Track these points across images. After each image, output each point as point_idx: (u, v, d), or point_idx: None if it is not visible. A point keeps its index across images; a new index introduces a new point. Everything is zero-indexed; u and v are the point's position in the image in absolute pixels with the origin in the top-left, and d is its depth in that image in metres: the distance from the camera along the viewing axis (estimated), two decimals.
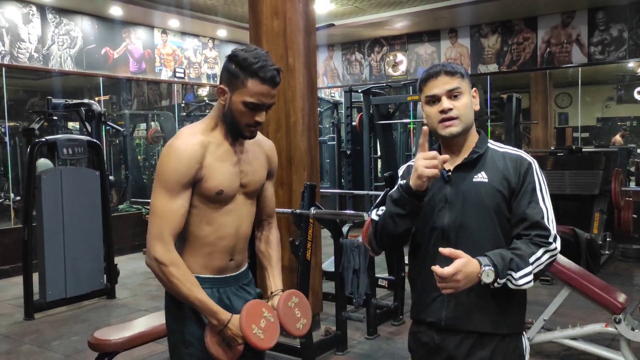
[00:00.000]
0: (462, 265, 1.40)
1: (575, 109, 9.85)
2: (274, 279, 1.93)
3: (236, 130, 1.71)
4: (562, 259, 3.55)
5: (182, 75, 8.71)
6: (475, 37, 8.46)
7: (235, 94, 1.65)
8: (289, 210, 3.76)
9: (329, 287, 4.45)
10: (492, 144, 1.63)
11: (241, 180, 1.76)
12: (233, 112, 1.67)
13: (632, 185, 7.86)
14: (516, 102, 8.11)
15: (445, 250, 1.43)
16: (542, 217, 1.51)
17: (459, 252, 1.43)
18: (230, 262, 1.79)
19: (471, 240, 1.54)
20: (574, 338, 3.48)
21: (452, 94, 1.55)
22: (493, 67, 8.33)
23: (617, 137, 9.66)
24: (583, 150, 6.79)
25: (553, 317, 3.54)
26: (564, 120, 10.64)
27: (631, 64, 8.21)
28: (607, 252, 6.12)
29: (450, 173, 1.59)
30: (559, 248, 1.52)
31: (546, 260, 1.50)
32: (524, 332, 1.61)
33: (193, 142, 1.66)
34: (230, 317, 1.67)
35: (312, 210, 3.59)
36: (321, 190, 4.69)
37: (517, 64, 8.15)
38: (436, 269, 1.40)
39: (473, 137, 1.62)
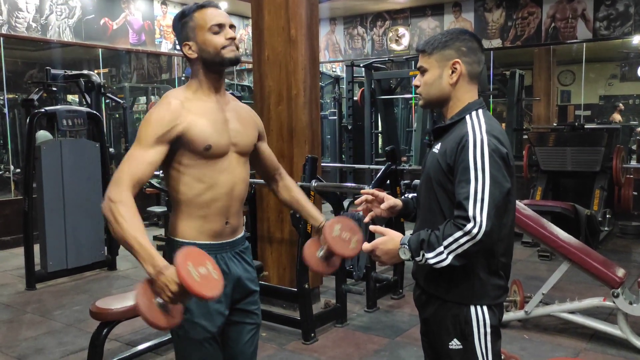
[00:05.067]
0: (380, 243, 1.59)
1: (577, 87, 9.78)
2: (313, 215, 2.01)
3: (219, 61, 1.73)
4: (562, 233, 3.57)
5: None
6: (480, 12, 8.35)
7: (197, 35, 1.73)
8: None
9: None
10: (472, 116, 1.59)
11: (232, 139, 1.78)
12: (207, 48, 1.72)
13: (633, 162, 7.85)
14: (519, 79, 8.05)
15: (371, 228, 1.66)
16: (466, 197, 1.47)
17: (385, 230, 1.61)
18: (225, 225, 1.78)
19: (421, 208, 1.71)
20: (572, 312, 3.51)
21: (420, 71, 1.69)
22: (497, 42, 8.24)
23: (616, 115, 9.62)
24: (585, 127, 6.76)
25: (552, 291, 3.57)
26: (566, 98, 10.58)
27: (636, 41, 8.11)
28: (606, 228, 6.16)
29: (431, 142, 1.71)
30: (477, 231, 1.44)
31: (465, 242, 1.45)
32: (478, 306, 1.58)
33: (173, 102, 1.71)
34: (169, 265, 1.49)
35: (314, 183, 3.59)
36: (322, 164, 4.68)
37: (521, 39, 8.06)
38: (364, 245, 1.65)
39: (454, 108, 1.65)
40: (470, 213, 1.46)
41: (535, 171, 6.67)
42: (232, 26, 1.76)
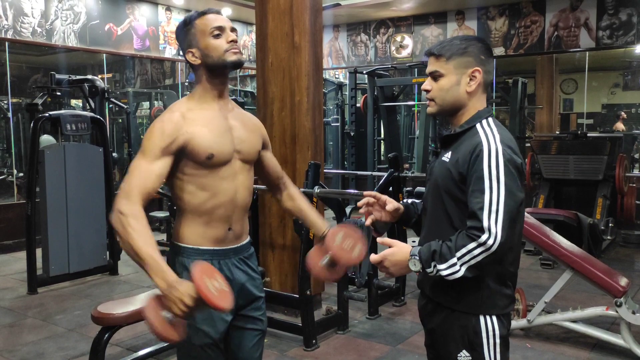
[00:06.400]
0: (389, 254, 1.55)
1: (580, 95, 9.78)
2: (316, 224, 1.99)
3: (222, 65, 1.74)
4: (565, 242, 3.56)
5: None
6: (483, 20, 8.37)
7: (199, 41, 1.74)
8: None
9: None
10: (483, 125, 1.58)
11: (236, 146, 1.78)
12: (209, 53, 1.73)
13: (636, 171, 7.83)
14: (522, 87, 8.05)
15: (379, 240, 1.62)
16: (480, 208, 1.44)
17: (392, 242, 1.58)
18: (228, 232, 1.78)
19: (428, 217, 1.69)
20: (574, 321, 3.50)
21: (433, 76, 1.61)
22: (499, 51, 8.25)
23: (619, 124, 9.60)
24: (588, 135, 6.76)
25: (554, 300, 3.55)
26: (568, 106, 10.59)
27: (638, 50, 8.12)
28: (609, 237, 6.14)
29: (438, 149, 1.68)
30: (492, 242, 1.42)
31: (479, 254, 1.44)
32: (487, 316, 1.56)
33: (175, 113, 1.72)
34: (181, 280, 1.52)
35: (316, 189, 3.59)
36: (325, 170, 4.68)
37: (524, 48, 8.07)
38: (370, 257, 1.60)
39: (465, 116, 1.62)
40: (485, 224, 1.44)
41: (538, 179, 6.67)
42: (233, 29, 1.76)
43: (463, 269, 1.45)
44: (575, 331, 3.51)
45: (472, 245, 1.44)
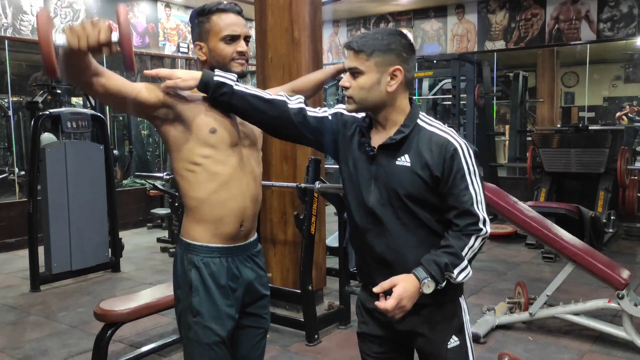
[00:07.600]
0: (401, 292, 1.45)
1: (581, 89, 9.77)
2: (325, 70, 2.18)
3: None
4: (566, 235, 3.55)
5: (186, 50, 8.64)
6: (483, 13, 8.34)
7: (210, 40, 1.72)
8: (294, 184, 3.76)
9: (332, 262, 4.47)
10: (422, 121, 1.57)
11: (241, 133, 1.78)
12: (216, 56, 1.72)
13: (638, 164, 7.82)
14: (523, 80, 8.04)
15: (377, 289, 1.47)
16: (472, 204, 1.51)
17: (393, 280, 1.47)
18: (240, 228, 1.77)
19: (392, 228, 1.58)
20: (576, 313, 3.50)
21: (352, 72, 1.53)
22: (500, 44, 8.23)
23: (624, 115, 9.58)
24: (589, 128, 6.75)
25: (556, 293, 3.56)
26: (570, 100, 10.57)
27: None
28: (611, 230, 6.13)
29: (375, 152, 1.58)
30: (489, 230, 1.53)
31: (478, 245, 1.53)
32: (461, 297, 1.65)
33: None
34: None
35: (317, 184, 3.59)
36: (325, 166, 4.67)
37: (525, 41, 8.05)
38: (379, 304, 1.45)
39: (398, 114, 1.57)
40: (481, 216, 1.52)
41: (539, 173, 6.66)
42: (247, 37, 1.74)
43: (469, 267, 1.52)
44: (577, 324, 3.51)
45: (472, 240, 1.52)
